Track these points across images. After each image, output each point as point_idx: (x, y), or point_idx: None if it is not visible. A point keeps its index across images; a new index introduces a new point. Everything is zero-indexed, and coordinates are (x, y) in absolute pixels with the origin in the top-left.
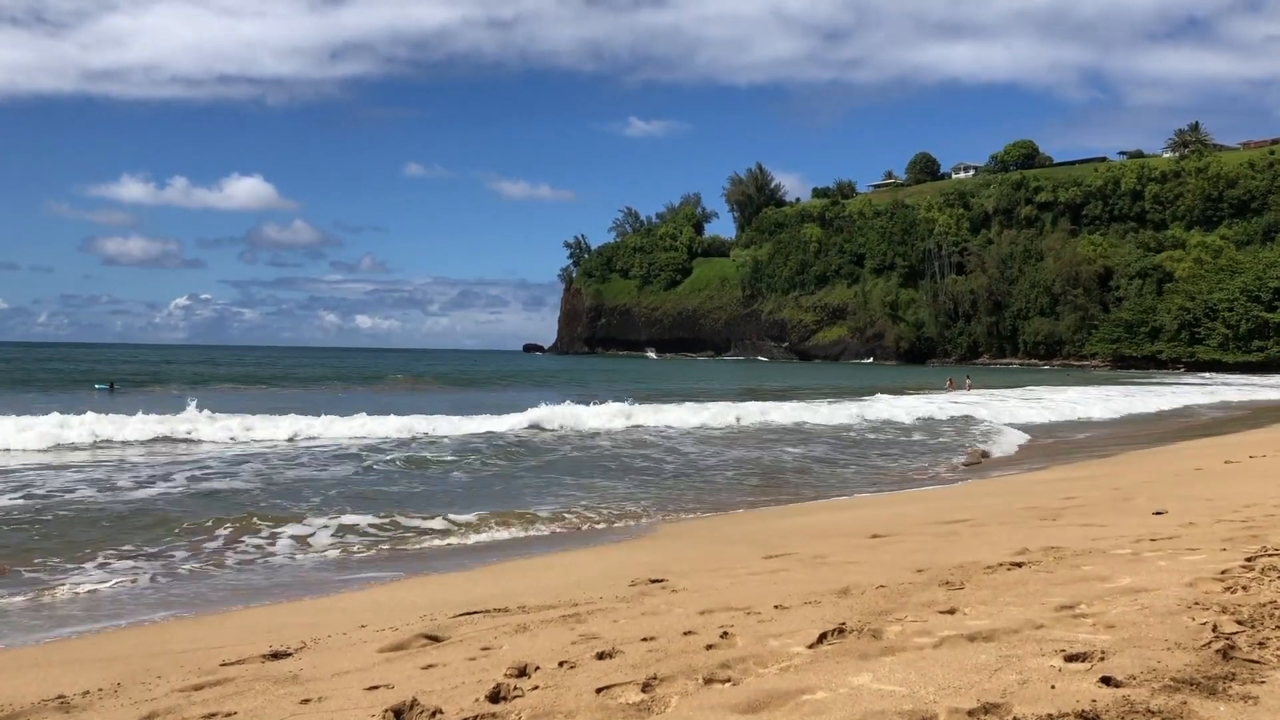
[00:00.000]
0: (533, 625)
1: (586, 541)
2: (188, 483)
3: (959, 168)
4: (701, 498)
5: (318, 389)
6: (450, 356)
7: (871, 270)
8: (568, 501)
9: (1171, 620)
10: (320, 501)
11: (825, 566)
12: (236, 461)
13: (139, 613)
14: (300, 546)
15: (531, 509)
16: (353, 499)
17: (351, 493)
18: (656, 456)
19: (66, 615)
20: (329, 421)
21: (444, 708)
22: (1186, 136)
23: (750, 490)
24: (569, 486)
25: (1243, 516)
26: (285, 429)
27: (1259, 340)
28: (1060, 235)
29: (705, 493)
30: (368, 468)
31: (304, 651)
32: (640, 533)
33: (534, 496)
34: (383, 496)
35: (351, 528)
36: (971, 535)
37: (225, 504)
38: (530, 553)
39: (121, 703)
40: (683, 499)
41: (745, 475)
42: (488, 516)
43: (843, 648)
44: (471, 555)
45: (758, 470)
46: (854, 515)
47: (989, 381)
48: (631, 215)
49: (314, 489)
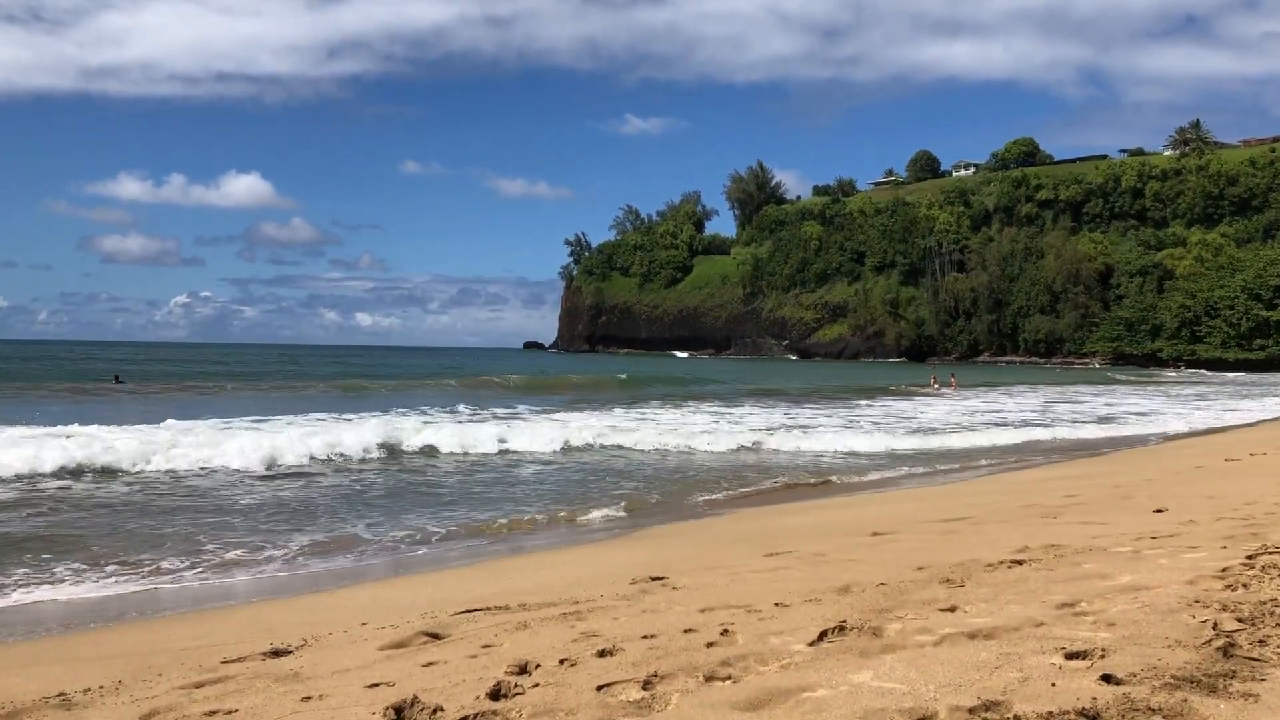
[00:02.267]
0: (533, 623)
1: (586, 539)
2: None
3: (959, 165)
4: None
5: (426, 389)
6: (465, 355)
7: (872, 268)
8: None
9: (1172, 618)
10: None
11: (825, 564)
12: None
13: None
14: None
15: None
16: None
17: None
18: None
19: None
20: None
21: (445, 705)
22: (1187, 134)
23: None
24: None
25: (1243, 514)
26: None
27: (1260, 339)
28: (1061, 233)
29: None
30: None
31: (304, 649)
32: (641, 531)
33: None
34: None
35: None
36: (972, 533)
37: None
38: (530, 551)
39: (122, 700)
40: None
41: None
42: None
43: (843, 645)
44: (472, 553)
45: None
46: (854, 513)
47: (972, 379)
48: (632, 213)
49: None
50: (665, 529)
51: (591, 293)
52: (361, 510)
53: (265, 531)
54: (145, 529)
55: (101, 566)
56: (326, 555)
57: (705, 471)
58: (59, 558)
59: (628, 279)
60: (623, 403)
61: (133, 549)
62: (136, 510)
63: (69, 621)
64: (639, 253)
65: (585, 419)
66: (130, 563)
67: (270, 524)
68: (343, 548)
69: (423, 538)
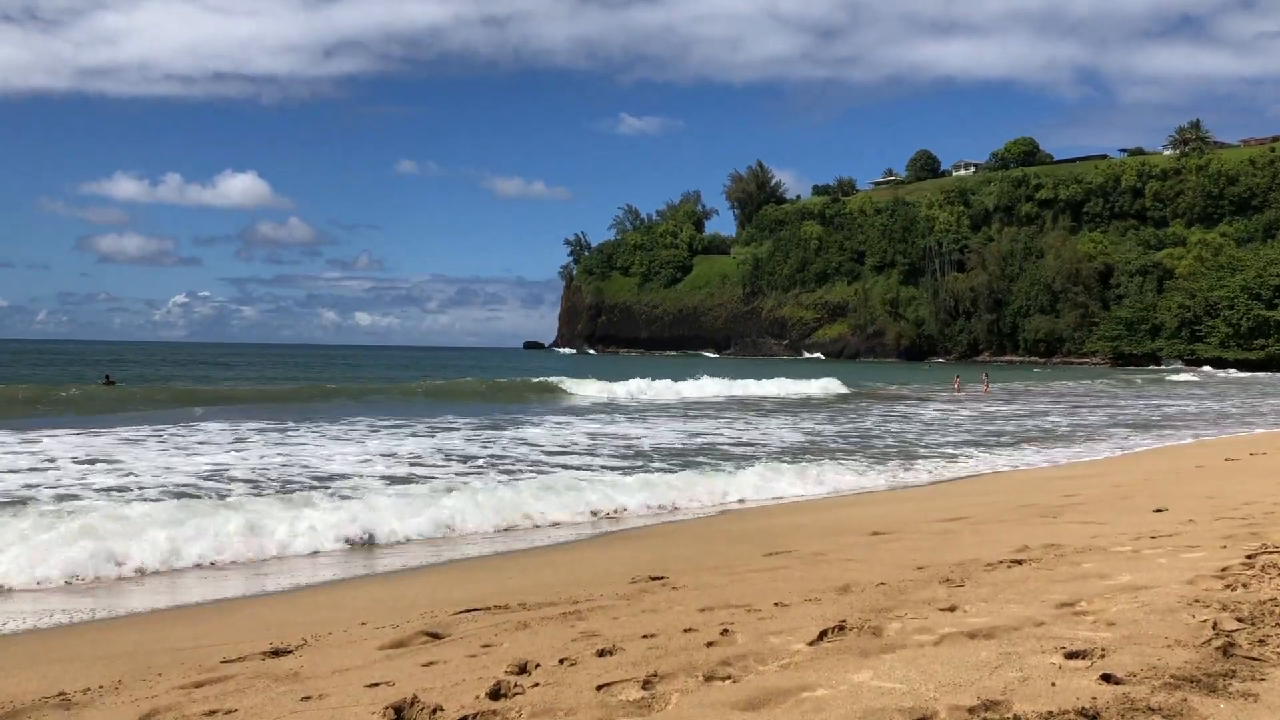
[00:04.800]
0: (533, 622)
1: (587, 538)
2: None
3: (959, 165)
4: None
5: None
6: (477, 355)
7: (872, 268)
8: None
9: (1172, 618)
10: None
11: (825, 564)
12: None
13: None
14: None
15: None
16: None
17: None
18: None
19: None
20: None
21: (444, 705)
22: (1187, 134)
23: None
24: None
25: (1243, 514)
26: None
27: (1260, 338)
28: (1061, 233)
29: None
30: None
31: (304, 649)
32: (640, 531)
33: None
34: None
35: None
36: (971, 533)
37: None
38: (531, 549)
39: (122, 699)
40: None
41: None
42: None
43: (843, 645)
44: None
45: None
46: (854, 513)
47: (1005, 377)
48: (631, 213)
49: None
50: (665, 528)
51: (591, 292)
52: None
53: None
54: None
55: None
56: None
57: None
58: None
59: (628, 278)
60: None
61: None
62: None
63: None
64: (639, 252)
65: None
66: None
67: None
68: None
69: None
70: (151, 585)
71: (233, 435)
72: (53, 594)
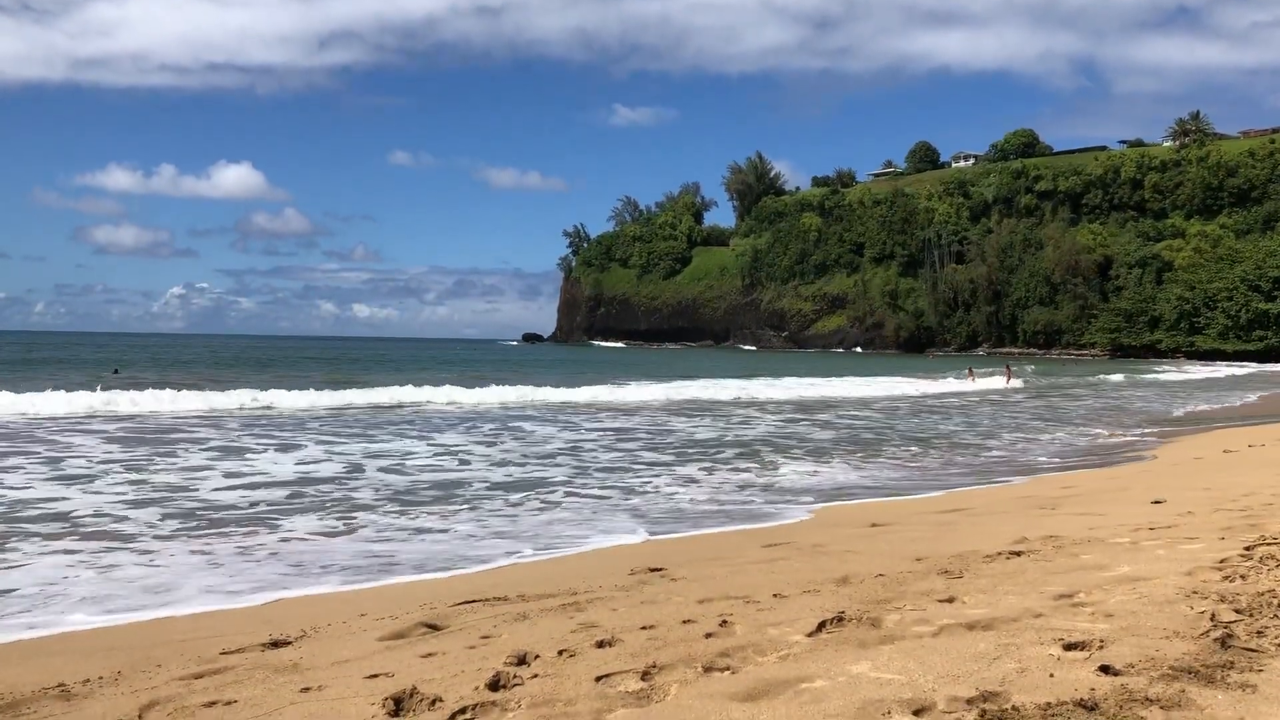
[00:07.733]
0: (532, 614)
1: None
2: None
3: (959, 156)
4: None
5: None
6: (486, 348)
7: (871, 259)
8: None
9: (1170, 609)
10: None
11: (824, 555)
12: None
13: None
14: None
15: None
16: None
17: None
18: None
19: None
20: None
21: (444, 696)
22: (1187, 125)
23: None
24: None
25: (1241, 505)
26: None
27: (1259, 330)
28: (1060, 224)
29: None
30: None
31: (304, 640)
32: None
33: None
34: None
35: None
36: (970, 524)
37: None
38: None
39: (122, 691)
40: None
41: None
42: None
43: (841, 636)
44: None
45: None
46: (852, 504)
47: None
48: (630, 204)
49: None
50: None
51: (590, 284)
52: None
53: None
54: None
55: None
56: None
57: None
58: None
59: (626, 270)
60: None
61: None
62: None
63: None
64: (638, 244)
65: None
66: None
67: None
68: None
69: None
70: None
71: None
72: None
